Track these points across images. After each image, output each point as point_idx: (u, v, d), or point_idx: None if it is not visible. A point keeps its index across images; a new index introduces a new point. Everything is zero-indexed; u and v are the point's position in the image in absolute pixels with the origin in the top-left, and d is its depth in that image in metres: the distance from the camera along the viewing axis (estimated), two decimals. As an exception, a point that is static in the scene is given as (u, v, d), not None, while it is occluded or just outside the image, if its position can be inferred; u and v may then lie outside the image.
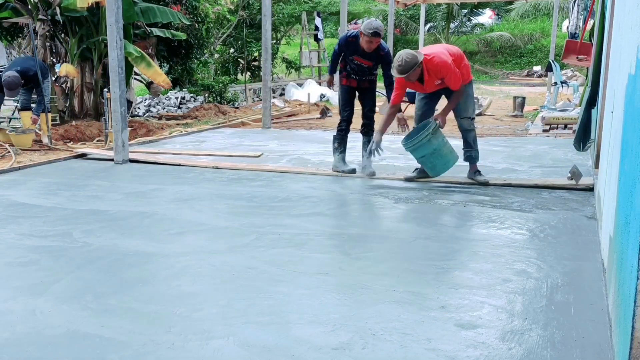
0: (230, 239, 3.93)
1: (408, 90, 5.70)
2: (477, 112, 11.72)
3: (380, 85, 6.12)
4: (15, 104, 10.26)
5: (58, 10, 9.23)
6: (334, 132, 6.21)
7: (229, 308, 2.84)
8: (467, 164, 5.69)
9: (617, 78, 3.60)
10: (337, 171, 6.03)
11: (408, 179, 5.73)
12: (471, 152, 5.60)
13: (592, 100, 7.55)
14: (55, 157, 7.03)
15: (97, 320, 2.71)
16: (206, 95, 13.41)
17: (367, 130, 6.05)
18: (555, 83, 11.93)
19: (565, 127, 9.63)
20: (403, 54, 5.16)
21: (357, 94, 6.04)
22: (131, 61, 9.15)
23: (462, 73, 5.40)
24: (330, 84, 6.49)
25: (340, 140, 6.12)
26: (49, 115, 8.16)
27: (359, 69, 5.84)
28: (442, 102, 5.77)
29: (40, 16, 9.41)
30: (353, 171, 5.98)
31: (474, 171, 5.63)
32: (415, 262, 3.48)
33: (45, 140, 8.01)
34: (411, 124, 5.77)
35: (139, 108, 12.41)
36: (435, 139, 5.35)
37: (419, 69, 5.16)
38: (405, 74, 5.13)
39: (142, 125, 9.83)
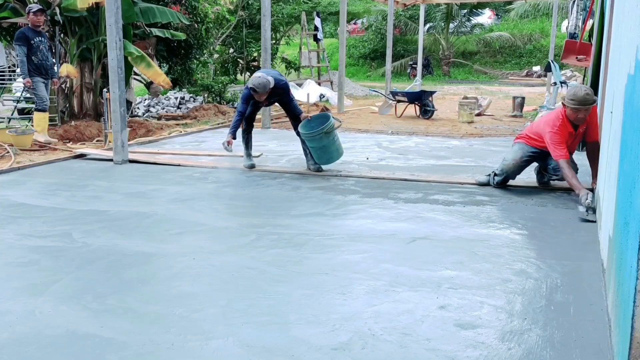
0: (229, 239, 3.93)
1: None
2: (476, 112, 11.76)
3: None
4: (15, 104, 10.26)
5: (58, 10, 9.23)
6: (241, 131, 6.53)
7: (229, 308, 2.84)
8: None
9: (616, 78, 3.61)
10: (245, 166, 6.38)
11: (481, 184, 5.53)
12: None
13: (591, 101, 7.54)
14: (54, 157, 7.02)
15: (97, 321, 2.71)
16: (205, 95, 13.42)
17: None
18: (555, 83, 11.92)
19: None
20: (586, 87, 4.88)
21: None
22: (131, 61, 9.15)
23: None
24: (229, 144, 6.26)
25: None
26: (47, 114, 8.17)
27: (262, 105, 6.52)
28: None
29: (39, 16, 9.40)
30: (252, 166, 6.35)
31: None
32: (414, 262, 3.48)
33: (44, 139, 8.00)
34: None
35: (138, 108, 12.41)
36: (326, 137, 5.97)
37: (591, 108, 4.92)
38: (587, 106, 4.82)
39: (141, 125, 9.83)
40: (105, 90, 7.50)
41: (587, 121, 5.04)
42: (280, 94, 6.21)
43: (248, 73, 17.68)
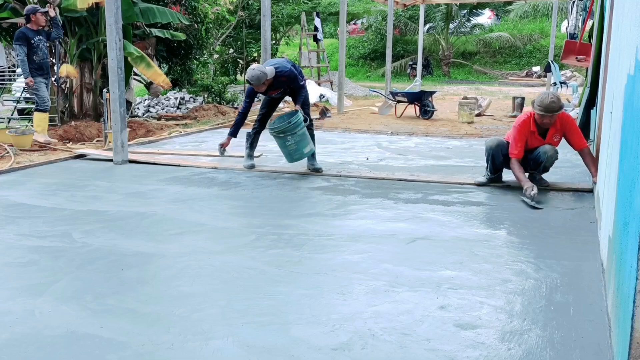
0: (229, 240, 3.93)
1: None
2: (476, 112, 11.76)
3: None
4: (15, 104, 10.26)
5: (57, 10, 9.21)
6: (250, 130, 6.49)
7: (229, 308, 2.84)
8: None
9: (616, 78, 3.61)
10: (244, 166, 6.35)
11: (479, 184, 5.54)
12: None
13: (591, 101, 7.56)
14: (54, 157, 7.02)
15: (97, 321, 2.71)
16: (205, 95, 13.42)
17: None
18: (555, 83, 11.94)
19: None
20: (554, 94, 5.06)
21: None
22: (131, 61, 9.15)
23: None
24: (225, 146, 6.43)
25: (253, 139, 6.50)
26: (47, 115, 8.18)
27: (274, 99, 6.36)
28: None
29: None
30: (252, 166, 6.34)
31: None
32: (414, 262, 3.48)
33: (44, 139, 8.00)
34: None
35: (138, 108, 12.41)
36: (292, 137, 5.86)
37: (557, 115, 5.07)
38: (552, 113, 4.99)
39: (141, 125, 9.83)
40: (105, 90, 7.50)
41: (565, 131, 5.21)
42: (286, 82, 6.02)
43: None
